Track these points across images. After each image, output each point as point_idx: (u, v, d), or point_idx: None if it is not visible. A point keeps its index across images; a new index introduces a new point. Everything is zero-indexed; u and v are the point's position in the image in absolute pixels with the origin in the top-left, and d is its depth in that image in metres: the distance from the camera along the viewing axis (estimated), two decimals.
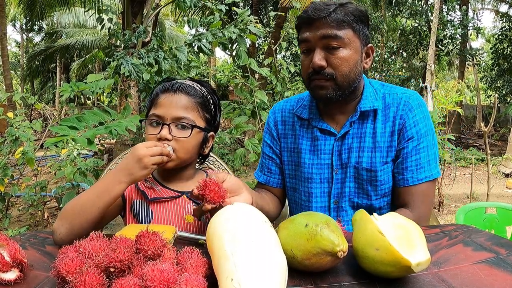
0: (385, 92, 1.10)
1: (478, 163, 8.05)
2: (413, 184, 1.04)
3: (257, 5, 11.10)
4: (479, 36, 19.53)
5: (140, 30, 2.79)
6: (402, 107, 1.06)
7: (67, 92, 1.91)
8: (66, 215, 0.87)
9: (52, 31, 17.53)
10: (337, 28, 0.98)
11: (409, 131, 1.04)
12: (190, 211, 1.05)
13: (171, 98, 1.02)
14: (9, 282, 0.64)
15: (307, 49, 1.03)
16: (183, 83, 1.05)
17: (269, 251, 0.59)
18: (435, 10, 8.28)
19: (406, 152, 1.04)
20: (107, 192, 0.88)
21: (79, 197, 0.90)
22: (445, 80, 20.37)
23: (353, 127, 1.09)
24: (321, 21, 0.98)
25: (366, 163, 1.06)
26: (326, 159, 1.11)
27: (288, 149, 1.20)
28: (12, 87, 9.26)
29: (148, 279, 0.56)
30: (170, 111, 1.00)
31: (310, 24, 1.00)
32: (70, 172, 3.01)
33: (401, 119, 1.05)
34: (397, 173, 1.06)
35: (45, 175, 5.78)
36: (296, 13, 5.17)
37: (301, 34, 1.04)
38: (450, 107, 4.60)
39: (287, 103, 1.25)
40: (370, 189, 1.07)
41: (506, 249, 0.75)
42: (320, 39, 0.99)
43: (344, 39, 0.99)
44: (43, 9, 11.35)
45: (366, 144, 1.06)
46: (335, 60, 1.00)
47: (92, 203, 0.87)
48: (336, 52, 0.99)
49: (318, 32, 0.99)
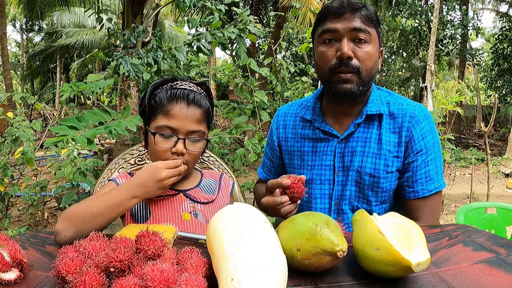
0: (390, 100, 1.10)
1: (478, 163, 8.05)
2: (424, 196, 1.04)
3: (257, 5, 11.10)
4: (479, 36, 19.54)
5: (140, 30, 2.79)
6: (409, 119, 1.05)
7: (67, 92, 1.91)
8: (74, 220, 0.86)
9: (52, 31, 17.53)
10: (367, 24, 1.00)
11: (418, 144, 1.04)
12: (186, 209, 1.06)
13: (186, 111, 1.01)
14: (9, 282, 0.64)
15: (330, 40, 1.02)
16: (195, 93, 1.04)
17: (269, 251, 0.59)
18: (435, 10, 8.28)
19: (416, 166, 1.04)
20: (121, 206, 0.90)
21: (89, 205, 0.89)
22: (445, 80, 20.37)
23: (358, 131, 1.08)
24: (354, 14, 0.99)
25: (369, 168, 1.05)
26: (328, 161, 1.11)
27: (289, 152, 1.20)
28: (12, 87, 9.26)
29: (148, 279, 0.56)
30: (185, 125, 1.00)
31: (340, 15, 1.00)
32: (70, 172, 3.01)
33: (407, 131, 1.05)
34: (407, 186, 1.06)
35: (45, 175, 5.78)
36: (296, 13, 5.17)
37: (326, 24, 1.02)
38: (450, 107, 4.60)
39: (291, 107, 1.25)
40: (370, 194, 1.07)
41: (506, 249, 0.75)
42: (351, 30, 0.99)
43: (371, 35, 1.01)
44: (42, 8, 11.35)
45: (371, 149, 1.06)
46: (361, 53, 1.00)
47: (103, 213, 0.88)
48: (363, 46, 1.00)
49: (350, 24, 0.99)
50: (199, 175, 1.18)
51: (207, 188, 1.13)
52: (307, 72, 3.44)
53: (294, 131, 1.20)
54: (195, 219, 1.06)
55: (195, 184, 1.13)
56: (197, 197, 1.09)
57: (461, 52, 12.00)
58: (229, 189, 1.20)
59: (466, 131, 13.52)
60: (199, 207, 1.08)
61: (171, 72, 2.72)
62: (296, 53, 15.37)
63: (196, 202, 1.08)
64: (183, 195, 1.08)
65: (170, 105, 1.01)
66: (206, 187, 1.13)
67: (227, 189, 1.19)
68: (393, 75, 16.00)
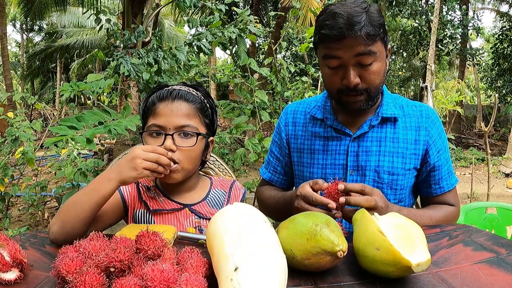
0: (402, 103, 1.14)
1: (478, 163, 8.05)
2: (449, 189, 1.12)
3: (257, 5, 11.10)
4: (478, 36, 19.53)
5: (140, 30, 2.79)
6: (425, 120, 1.10)
7: (67, 92, 1.91)
8: (58, 214, 0.86)
9: (52, 31, 17.54)
10: (370, 44, 0.94)
11: (438, 143, 1.10)
12: (192, 224, 1.03)
13: (171, 106, 0.98)
14: (9, 282, 0.64)
15: (334, 64, 0.98)
16: (180, 90, 1.01)
17: (269, 251, 0.59)
18: (435, 10, 8.27)
19: (440, 164, 1.10)
20: (96, 190, 0.85)
21: (73, 196, 0.88)
22: (445, 80, 20.35)
23: (372, 130, 1.09)
24: (355, 39, 0.92)
25: (388, 167, 1.07)
26: (340, 160, 1.10)
27: (298, 150, 1.19)
28: (12, 87, 9.26)
29: (148, 279, 0.56)
30: (172, 120, 0.96)
31: (340, 40, 0.93)
32: (70, 172, 3.01)
33: (426, 131, 1.09)
34: (434, 183, 1.11)
35: (45, 175, 5.78)
36: (296, 13, 5.16)
37: (327, 49, 0.97)
38: (450, 107, 4.60)
39: (300, 105, 1.24)
40: (389, 192, 1.08)
41: (506, 249, 0.74)
42: (354, 56, 0.94)
43: (376, 53, 0.96)
44: (42, 8, 11.34)
45: (387, 148, 1.07)
46: (368, 75, 0.98)
47: (83, 201, 0.85)
48: (369, 67, 0.97)
49: (353, 51, 0.93)
50: (208, 184, 1.12)
51: (215, 201, 1.09)
52: (307, 72, 3.44)
53: (305, 128, 1.18)
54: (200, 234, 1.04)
55: (202, 197, 1.08)
56: (203, 212, 1.05)
57: (461, 52, 12.00)
58: (239, 200, 1.14)
59: (466, 131, 13.52)
60: (205, 223, 1.05)
61: (171, 72, 2.72)
62: (296, 53, 15.36)
63: (202, 218, 1.05)
64: (189, 210, 1.04)
65: (156, 105, 1.00)
66: (214, 201, 1.09)
67: (237, 200, 1.13)
68: (393, 75, 16.00)
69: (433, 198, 1.13)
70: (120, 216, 1.05)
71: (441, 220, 1.04)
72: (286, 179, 1.26)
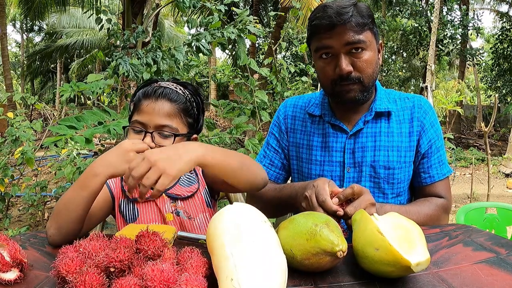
0: (396, 97, 1.15)
1: (478, 163, 8.05)
2: (439, 179, 1.11)
3: (257, 5, 11.10)
4: (478, 37, 19.54)
5: (139, 30, 2.79)
6: (417, 110, 1.11)
7: (67, 92, 1.91)
8: (53, 216, 0.86)
9: (52, 31, 17.53)
10: (359, 32, 0.98)
11: (429, 132, 1.10)
12: (169, 209, 1.07)
13: (154, 105, 1.01)
14: (9, 282, 0.64)
15: (327, 54, 1.02)
16: (166, 88, 1.04)
17: (269, 251, 0.59)
18: (435, 10, 8.28)
19: (430, 152, 1.10)
20: (85, 187, 0.84)
21: (62, 197, 0.88)
22: (445, 80, 20.37)
23: (367, 126, 1.10)
24: (344, 27, 0.96)
25: (383, 161, 1.07)
26: (337, 157, 1.11)
27: (296, 144, 1.20)
28: (12, 87, 9.27)
29: (148, 279, 0.56)
30: (153, 119, 1.00)
31: (331, 30, 0.97)
32: (70, 172, 3.01)
33: (418, 121, 1.10)
34: (423, 172, 1.11)
35: (45, 175, 5.78)
36: (296, 13, 5.16)
37: (319, 40, 1.01)
38: (450, 107, 4.61)
39: (300, 99, 1.25)
40: (387, 187, 1.08)
41: (506, 249, 0.75)
42: (345, 45, 0.98)
43: (366, 42, 0.99)
44: (42, 8, 11.34)
45: (381, 143, 1.08)
46: (360, 64, 1.00)
47: (73, 200, 0.85)
48: (361, 56, 0.99)
49: (343, 39, 0.97)
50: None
51: (187, 181, 1.13)
52: (307, 72, 3.44)
53: (304, 123, 1.20)
54: (178, 218, 1.07)
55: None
56: (179, 193, 1.09)
57: (461, 52, 12.01)
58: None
59: (466, 131, 13.53)
60: (180, 204, 1.09)
61: (170, 72, 2.72)
62: (296, 53, 15.37)
63: (177, 199, 1.09)
64: (165, 195, 1.08)
65: (141, 101, 1.03)
66: (186, 181, 1.13)
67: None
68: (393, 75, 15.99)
69: (424, 189, 1.12)
70: (109, 207, 1.08)
71: (429, 215, 1.03)
72: (282, 173, 1.26)
